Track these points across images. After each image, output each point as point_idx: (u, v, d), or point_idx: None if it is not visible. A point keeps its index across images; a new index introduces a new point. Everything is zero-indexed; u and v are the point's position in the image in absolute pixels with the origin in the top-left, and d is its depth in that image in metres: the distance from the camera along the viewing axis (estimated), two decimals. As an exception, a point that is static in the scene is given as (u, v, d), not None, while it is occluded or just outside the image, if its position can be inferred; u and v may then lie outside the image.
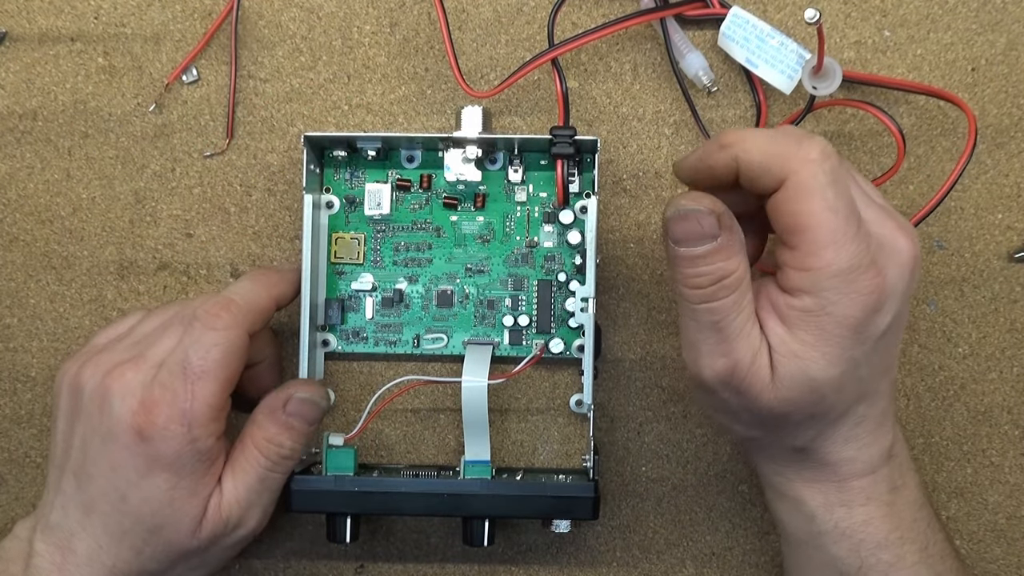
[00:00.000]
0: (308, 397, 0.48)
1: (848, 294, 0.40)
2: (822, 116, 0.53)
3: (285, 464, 0.48)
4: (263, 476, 0.47)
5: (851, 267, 0.40)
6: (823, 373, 0.41)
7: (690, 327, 0.42)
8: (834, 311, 0.40)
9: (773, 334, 0.41)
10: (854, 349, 0.41)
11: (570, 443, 0.54)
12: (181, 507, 0.45)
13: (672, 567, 0.54)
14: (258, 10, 0.54)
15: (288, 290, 0.50)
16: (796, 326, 0.41)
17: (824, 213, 0.40)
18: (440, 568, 0.55)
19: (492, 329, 0.53)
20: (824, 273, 0.40)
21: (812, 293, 0.40)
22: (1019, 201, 0.53)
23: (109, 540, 0.45)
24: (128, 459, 0.45)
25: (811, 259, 0.40)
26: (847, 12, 0.53)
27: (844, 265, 0.40)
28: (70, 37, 0.54)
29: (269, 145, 0.54)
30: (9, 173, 0.54)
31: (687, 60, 0.52)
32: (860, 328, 0.40)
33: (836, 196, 0.40)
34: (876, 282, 0.40)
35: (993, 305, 0.53)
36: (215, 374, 0.45)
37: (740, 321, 0.41)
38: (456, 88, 0.53)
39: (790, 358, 0.41)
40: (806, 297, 0.40)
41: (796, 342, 0.41)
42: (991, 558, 0.54)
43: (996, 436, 0.54)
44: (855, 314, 0.40)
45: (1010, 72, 0.53)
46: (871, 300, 0.40)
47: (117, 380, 0.46)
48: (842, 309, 0.40)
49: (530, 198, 0.53)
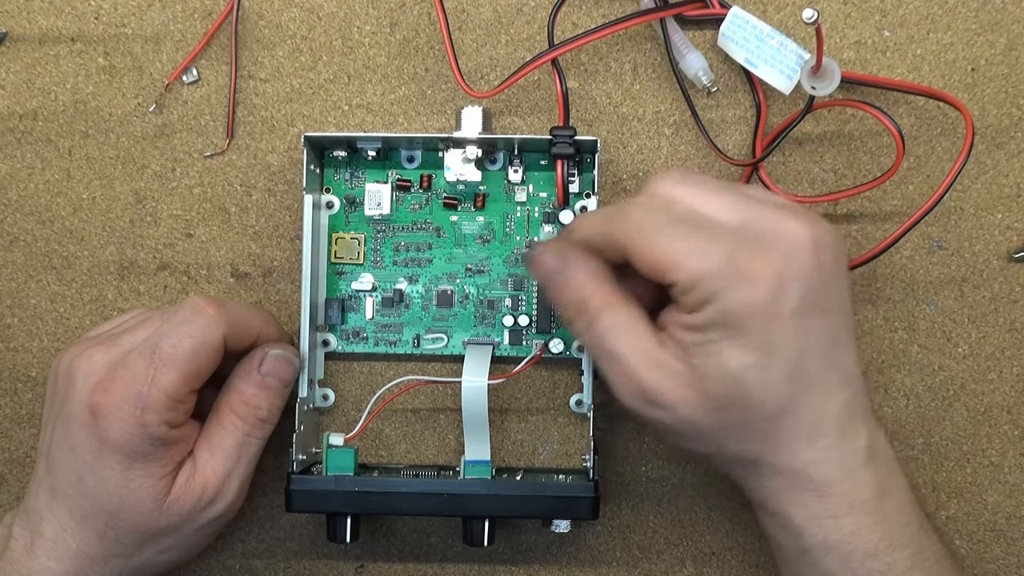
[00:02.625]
0: (282, 354, 0.48)
1: (737, 285, 0.41)
2: (821, 116, 0.53)
3: (263, 428, 0.48)
4: (240, 441, 0.47)
5: (726, 261, 0.41)
6: (737, 361, 0.41)
7: (594, 360, 0.45)
8: (731, 306, 0.41)
9: (685, 339, 0.42)
10: (765, 333, 0.41)
11: (570, 443, 0.54)
12: (139, 489, 0.45)
13: (672, 567, 0.54)
14: (258, 10, 0.54)
15: (272, 335, 0.50)
16: (705, 330, 0.41)
17: (671, 242, 0.41)
18: (440, 568, 0.55)
19: (492, 329, 0.53)
20: (705, 281, 0.41)
21: (707, 302, 0.41)
22: (1019, 201, 0.53)
23: (73, 523, 0.45)
24: (84, 439, 0.45)
25: (688, 278, 0.41)
26: (847, 12, 0.53)
27: (717, 265, 0.41)
28: (70, 37, 0.54)
29: (269, 145, 0.54)
30: (9, 173, 0.54)
31: (687, 60, 0.52)
32: (764, 311, 0.41)
33: (673, 222, 0.42)
34: (764, 263, 0.41)
35: (993, 305, 0.53)
36: (181, 364, 0.45)
37: (624, 342, 0.43)
38: (456, 88, 0.53)
39: (704, 358, 0.41)
40: (705, 308, 0.41)
41: (708, 343, 0.41)
42: (991, 558, 0.54)
43: (996, 436, 0.54)
44: (751, 298, 0.41)
45: (1010, 72, 0.53)
46: (764, 281, 0.41)
47: (85, 360, 0.46)
48: (738, 300, 0.41)
49: (530, 198, 0.53)
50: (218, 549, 0.54)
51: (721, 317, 0.41)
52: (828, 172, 0.53)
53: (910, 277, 0.53)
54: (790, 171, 0.53)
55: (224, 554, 0.55)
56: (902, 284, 0.53)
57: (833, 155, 0.53)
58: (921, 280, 0.53)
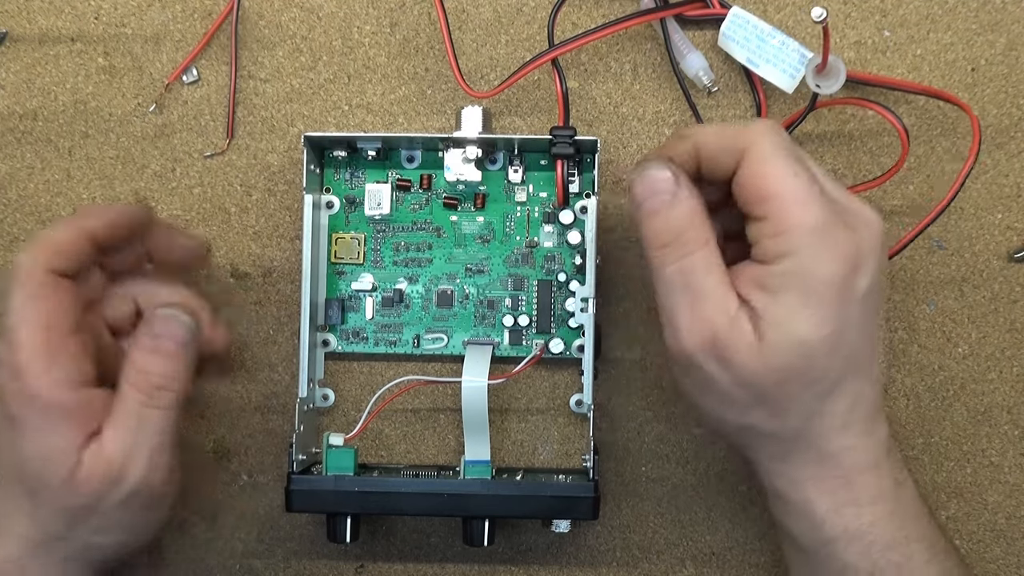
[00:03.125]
0: (168, 312, 0.45)
1: (825, 250, 0.40)
2: (822, 116, 0.53)
3: (162, 396, 0.44)
4: (140, 413, 0.44)
5: (823, 223, 0.40)
6: (812, 333, 0.41)
7: (665, 297, 0.43)
8: (814, 269, 0.40)
9: (758, 302, 0.41)
10: (839, 307, 0.41)
11: (570, 443, 0.54)
12: (45, 464, 0.43)
13: (672, 567, 0.54)
14: (258, 10, 0.54)
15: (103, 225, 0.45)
16: (779, 291, 0.41)
17: (786, 175, 0.41)
18: (440, 568, 0.55)
19: (492, 329, 0.53)
20: (797, 232, 0.40)
21: (789, 255, 0.40)
22: (1019, 201, 0.53)
23: (10, 507, 0.44)
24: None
25: (782, 221, 0.41)
26: (847, 12, 0.53)
27: (815, 221, 0.40)
28: (70, 37, 0.54)
29: (269, 145, 0.54)
30: (9, 173, 0.54)
31: (687, 60, 0.52)
32: (842, 286, 0.41)
33: (794, 161, 0.41)
34: (850, 237, 0.41)
35: (993, 305, 0.53)
36: (25, 318, 0.42)
37: (712, 282, 0.42)
38: (456, 88, 0.53)
39: (777, 323, 0.41)
40: (784, 260, 0.41)
41: (781, 306, 0.41)
42: (991, 558, 0.54)
43: (996, 436, 0.54)
44: (835, 270, 0.40)
45: (1010, 72, 0.53)
46: (848, 256, 0.41)
47: None
48: (822, 266, 0.40)
49: (530, 198, 0.53)
50: (218, 549, 0.55)
51: (800, 277, 0.40)
52: (828, 171, 0.53)
53: (910, 277, 0.53)
54: (790, 171, 0.53)
55: (224, 554, 0.55)
56: (902, 284, 0.53)
57: (833, 155, 0.53)
58: (921, 280, 0.53)
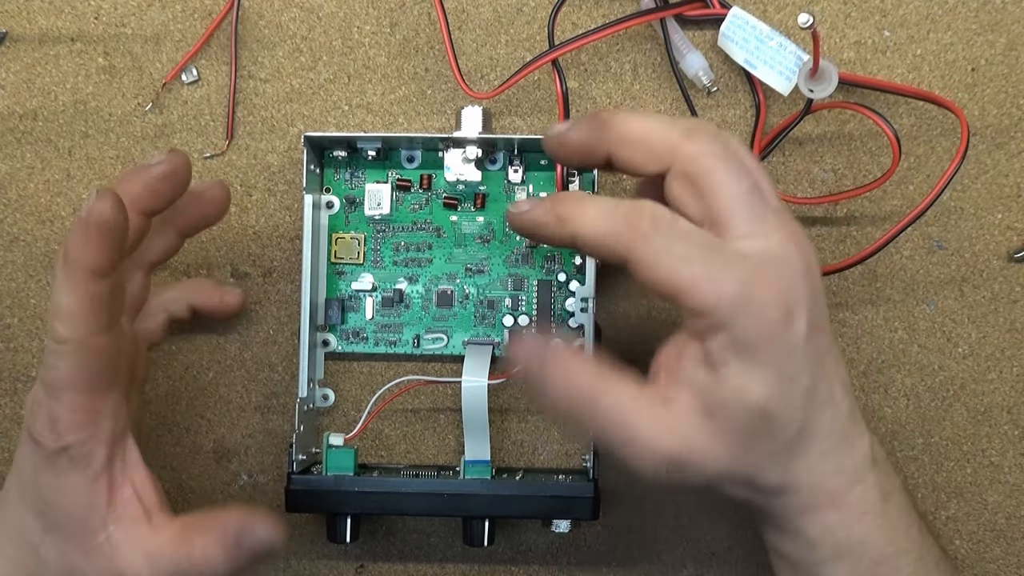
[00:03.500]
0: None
1: (751, 314, 0.39)
2: (821, 116, 0.53)
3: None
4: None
5: (740, 289, 0.39)
6: (763, 395, 0.40)
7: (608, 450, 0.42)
8: (746, 335, 0.40)
9: (701, 386, 0.41)
10: (783, 360, 0.40)
11: (570, 443, 0.54)
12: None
13: (672, 567, 0.54)
14: (258, 10, 0.54)
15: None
16: (719, 364, 0.40)
17: (681, 264, 0.40)
18: (440, 568, 0.55)
19: (492, 329, 0.53)
20: (717, 312, 0.39)
21: (718, 329, 0.40)
22: (1019, 201, 0.53)
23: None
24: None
25: (698, 306, 0.40)
26: (847, 12, 0.53)
27: (731, 292, 0.39)
28: (70, 37, 0.54)
29: (269, 145, 0.54)
30: (9, 173, 0.54)
31: (687, 60, 0.52)
32: (780, 339, 0.40)
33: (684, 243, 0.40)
34: (773, 286, 0.40)
35: (993, 305, 0.53)
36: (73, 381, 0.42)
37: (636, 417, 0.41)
38: (456, 88, 0.53)
39: (726, 398, 0.40)
40: (717, 336, 0.40)
41: (725, 380, 0.40)
42: (991, 558, 0.54)
43: (996, 436, 0.54)
44: (767, 328, 0.40)
45: (1010, 72, 0.53)
46: (777, 306, 0.40)
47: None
48: (752, 329, 0.39)
49: (530, 198, 0.53)
50: (218, 549, 0.55)
51: (739, 345, 0.40)
52: (828, 172, 0.53)
53: (910, 277, 0.53)
54: (790, 171, 0.53)
55: (224, 554, 0.55)
56: (902, 284, 0.53)
57: (833, 155, 0.53)
58: (921, 280, 0.53)
